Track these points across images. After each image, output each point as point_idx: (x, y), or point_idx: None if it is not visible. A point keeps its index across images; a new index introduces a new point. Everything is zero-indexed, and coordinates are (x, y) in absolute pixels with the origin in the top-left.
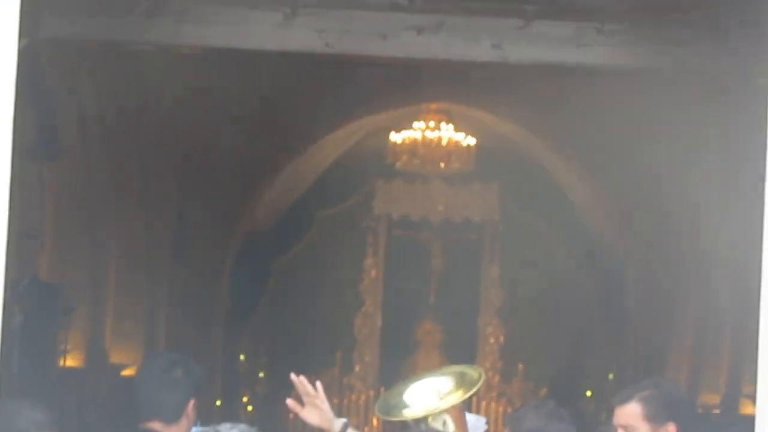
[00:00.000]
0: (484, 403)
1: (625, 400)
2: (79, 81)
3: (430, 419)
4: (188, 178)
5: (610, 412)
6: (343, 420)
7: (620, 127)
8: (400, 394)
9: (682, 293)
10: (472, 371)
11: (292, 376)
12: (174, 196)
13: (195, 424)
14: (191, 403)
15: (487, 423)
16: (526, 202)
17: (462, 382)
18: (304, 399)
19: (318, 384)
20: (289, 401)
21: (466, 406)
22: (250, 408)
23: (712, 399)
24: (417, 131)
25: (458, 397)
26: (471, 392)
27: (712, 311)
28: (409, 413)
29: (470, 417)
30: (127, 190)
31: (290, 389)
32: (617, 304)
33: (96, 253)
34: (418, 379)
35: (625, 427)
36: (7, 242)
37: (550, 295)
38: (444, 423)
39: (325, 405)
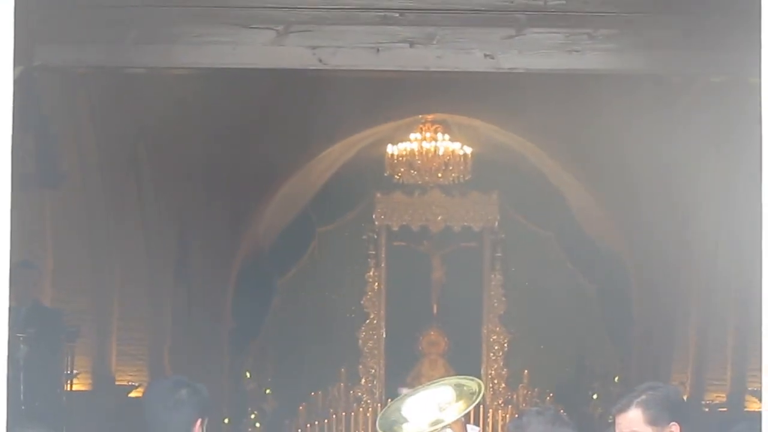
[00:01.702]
0: (490, 411)
1: (624, 408)
2: (75, 107)
3: None
4: (187, 199)
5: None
6: None
7: (615, 131)
8: (399, 410)
9: (684, 293)
10: (469, 382)
11: None
12: (174, 218)
13: None
14: (198, 422)
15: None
16: (525, 209)
17: (461, 393)
18: None
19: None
20: None
21: (467, 416)
22: (258, 425)
23: (718, 397)
24: (413, 143)
25: (460, 409)
26: (472, 404)
27: (715, 310)
28: (412, 429)
29: (468, 428)
30: (127, 214)
31: (296, 405)
32: (620, 307)
33: (98, 277)
34: (414, 393)
35: None
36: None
37: (552, 300)
38: None
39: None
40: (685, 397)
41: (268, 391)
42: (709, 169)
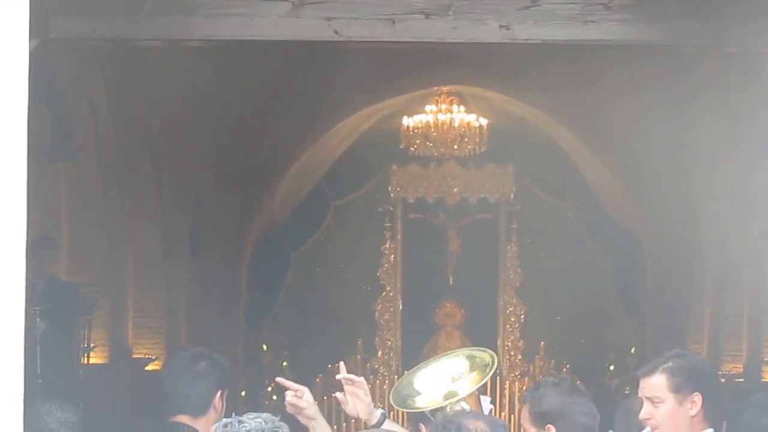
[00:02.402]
0: (507, 383)
1: (649, 372)
2: (90, 79)
3: (448, 407)
4: (203, 172)
5: (634, 385)
6: (382, 411)
7: (630, 103)
8: (411, 384)
9: (699, 265)
10: (481, 353)
11: (339, 376)
12: (190, 191)
13: (229, 416)
14: (218, 394)
15: (492, 402)
16: (540, 181)
17: (474, 365)
18: (348, 392)
19: (362, 378)
20: (339, 395)
21: (482, 388)
22: (275, 397)
23: (734, 368)
24: (429, 114)
25: (474, 381)
26: (487, 376)
27: (730, 281)
28: (426, 403)
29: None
30: (143, 187)
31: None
32: (635, 279)
33: (114, 251)
34: (427, 366)
35: (651, 399)
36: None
37: (568, 272)
38: (463, 409)
39: (369, 398)
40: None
41: (284, 363)
42: (725, 136)
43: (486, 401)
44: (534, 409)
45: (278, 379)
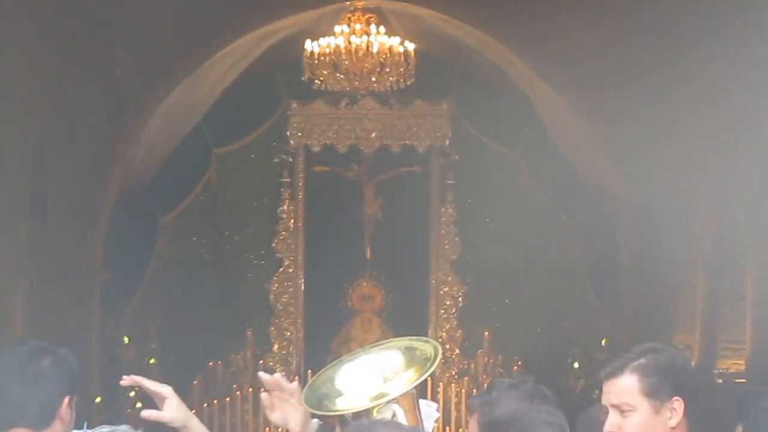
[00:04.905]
0: (441, 385)
1: (616, 372)
2: None
3: (375, 411)
4: (45, 107)
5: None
6: (320, 422)
7: (611, 27)
8: (331, 381)
9: (691, 229)
10: (422, 345)
11: (261, 374)
12: (27, 135)
13: (80, 427)
14: (65, 401)
15: (439, 410)
16: (484, 123)
17: (411, 359)
18: (276, 398)
19: (296, 382)
20: (264, 396)
21: (419, 390)
22: (139, 405)
23: (735, 365)
24: (339, 37)
25: (410, 380)
26: (426, 373)
27: (729, 256)
28: (348, 405)
29: (421, 404)
30: None
31: (190, 379)
32: (608, 250)
33: None
34: (352, 359)
35: (618, 407)
36: None
37: (520, 242)
38: (393, 414)
39: (304, 406)
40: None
41: (152, 360)
42: (721, 71)
43: (429, 407)
44: (484, 419)
45: (132, 377)
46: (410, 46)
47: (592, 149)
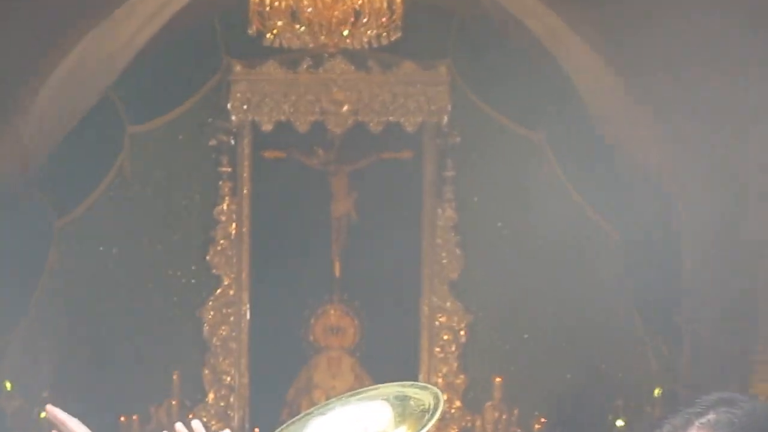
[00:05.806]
0: None
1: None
2: None
3: None
4: None
5: None
6: None
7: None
8: None
9: None
10: (418, 392)
11: (177, 425)
12: None
13: None
14: None
15: None
16: (495, 96)
17: (403, 412)
18: None
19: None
20: None
21: None
22: None
23: None
24: None
25: None
26: (424, 429)
27: None
28: None
29: None
30: None
31: None
32: (662, 266)
33: None
34: (324, 412)
35: None
36: None
37: (543, 256)
38: None
39: None
40: None
41: (42, 415)
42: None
43: None
44: None
45: (47, 407)
46: None
47: (646, 132)
